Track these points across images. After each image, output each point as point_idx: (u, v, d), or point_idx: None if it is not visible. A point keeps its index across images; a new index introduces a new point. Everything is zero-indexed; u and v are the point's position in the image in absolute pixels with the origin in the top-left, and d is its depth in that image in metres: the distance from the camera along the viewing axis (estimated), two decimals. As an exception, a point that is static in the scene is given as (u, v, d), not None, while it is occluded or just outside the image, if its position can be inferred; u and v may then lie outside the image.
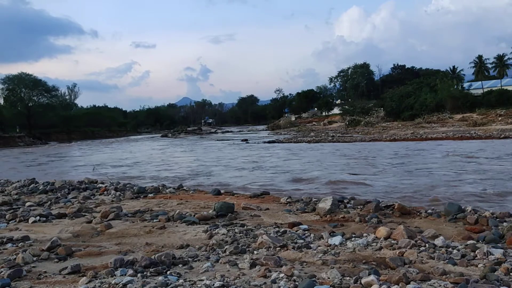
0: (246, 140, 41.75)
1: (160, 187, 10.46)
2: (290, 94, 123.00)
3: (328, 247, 4.67)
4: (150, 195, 9.45)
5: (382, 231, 5.05)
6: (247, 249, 4.68)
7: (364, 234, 5.13)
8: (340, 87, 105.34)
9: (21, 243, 5.24)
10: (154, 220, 6.50)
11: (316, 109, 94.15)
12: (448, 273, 3.69)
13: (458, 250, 4.42)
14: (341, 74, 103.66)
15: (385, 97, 63.47)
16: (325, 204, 6.86)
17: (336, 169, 14.95)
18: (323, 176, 13.10)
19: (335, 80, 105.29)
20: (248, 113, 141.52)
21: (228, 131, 79.04)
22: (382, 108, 64.09)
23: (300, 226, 5.78)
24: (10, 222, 6.72)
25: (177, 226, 6.12)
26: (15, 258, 4.44)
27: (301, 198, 8.43)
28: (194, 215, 6.64)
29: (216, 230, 5.61)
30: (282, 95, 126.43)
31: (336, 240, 4.87)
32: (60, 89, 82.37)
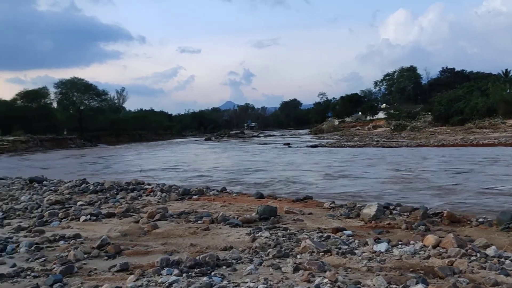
0: (288, 144, 41.63)
1: (204, 189, 10.61)
2: (333, 98, 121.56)
3: (373, 254, 4.58)
4: (194, 196, 9.62)
5: (430, 239, 4.88)
6: (290, 253, 4.67)
7: (411, 242, 4.98)
8: (386, 91, 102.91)
9: (72, 240, 5.46)
10: (199, 222, 6.61)
11: (360, 113, 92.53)
12: (500, 284, 3.52)
13: (511, 260, 4.21)
14: (387, 77, 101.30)
15: (433, 101, 61.44)
16: (370, 210, 6.72)
17: (382, 173, 14.63)
18: (370, 182, 12.85)
19: (380, 84, 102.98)
20: (291, 117, 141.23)
21: (270, 135, 79.16)
22: (429, 113, 62.10)
23: (344, 231, 5.70)
24: (62, 220, 7.03)
25: (220, 228, 6.19)
26: (67, 255, 4.63)
27: (345, 203, 8.31)
28: (237, 218, 6.70)
29: (259, 233, 5.63)
30: (325, 99, 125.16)
31: (382, 247, 4.76)
32: (109, 93, 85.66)
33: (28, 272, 4.08)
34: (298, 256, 4.53)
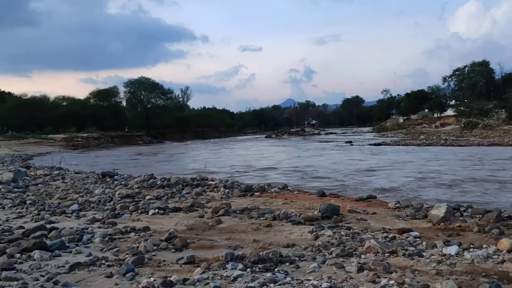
0: (350, 142, 40.86)
1: (266, 186, 10.71)
2: (398, 94, 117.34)
3: (443, 257, 4.39)
4: (256, 193, 9.73)
5: (505, 243, 4.60)
6: (354, 252, 4.60)
7: (484, 246, 4.72)
8: (455, 87, 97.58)
9: (142, 232, 5.73)
10: (261, 218, 6.68)
11: (427, 110, 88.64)
12: None
13: None
14: (456, 73, 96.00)
15: (508, 98, 57.47)
16: (439, 211, 6.45)
17: (454, 173, 13.96)
18: (440, 181, 12.32)
19: (449, 79, 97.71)
20: (353, 114, 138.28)
21: (331, 133, 78.06)
22: (503, 110, 58.19)
23: (411, 232, 5.51)
24: (133, 213, 7.40)
25: (282, 225, 6.22)
26: (138, 246, 4.87)
27: (411, 203, 8.03)
28: (299, 215, 6.70)
29: (322, 231, 5.59)
30: (389, 95, 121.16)
31: (452, 250, 4.56)
32: (174, 92, 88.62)
33: (103, 261, 4.34)
34: (362, 256, 4.46)
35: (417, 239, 5.23)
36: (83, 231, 5.77)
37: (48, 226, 5.94)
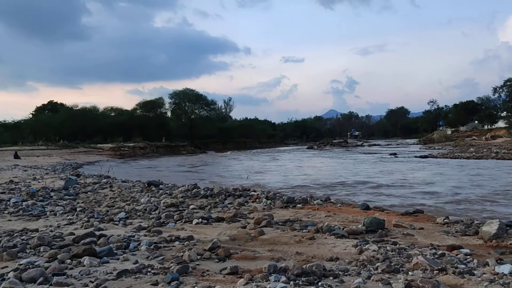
0: (394, 154, 39.89)
1: (308, 198, 10.62)
2: (445, 105, 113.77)
3: (495, 276, 4.18)
4: (298, 205, 9.67)
5: None
6: (400, 268, 4.46)
7: (541, 266, 4.46)
8: (506, 98, 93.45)
9: (186, 242, 5.80)
10: (304, 230, 6.62)
11: (476, 122, 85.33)
12: None
13: None
14: (508, 83, 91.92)
15: None
16: (490, 227, 6.16)
17: (506, 187, 13.32)
18: (491, 196, 11.80)
19: (500, 90, 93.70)
20: (397, 125, 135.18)
21: (375, 144, 76.54)
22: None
23: (461, 249, 5.28)
24: (177, 222, 7.52)
25: (325, 238, 6.14)
26: (182, 255, 4.94)
27: (461, 219, 7.72)
28: (342, 229, 6.59)
29: (366, 245, 5.47)
30: (436, 106, 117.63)
31: (505, 268, 4.33)
32: (217, 103, 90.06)
33: (149, 269, 4.42)
34: (410, 273, 4.31)
35: (468, 256, 5.01)
36: (130, 239, 5.92)
37: (97, 233, 6.15)
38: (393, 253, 5.12)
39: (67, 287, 3.77)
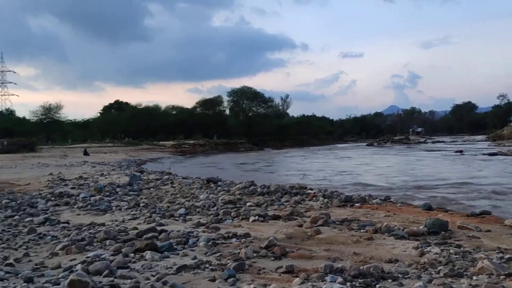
0: (460, 151, 37.96)
1: (367, 197, 10.38)
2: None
3: None
4: (356, 204, 9.48)
5: None
6: (464, 273, 4.26)
7: None
8: None
9: (243, 239, 5.88)
10: (361, 230, 6.49)
11: (552, 116, 79.19)
12: None
13: None
14: None
15: None
16: None
17: None
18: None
19: None
20: (463, 121, 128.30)
21: (439, 141, 73.30)
22: None
23: (532, 255, 4.95)
24: (234, 219, 7.64)
25: (384, 238, 5.98)
26: (239, 252, 5.02)
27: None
28: (402, 229, 6.38)
29: (428, 248, 5.27)
30: (506, 101, 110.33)
31: None
32: (275, 100, 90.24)
33: (207, 265, 4.54)
34: (474, 278, 4.10)
35: (540, 262, 4.68)
36: (189, 235, 6.10)
37: (159, 228, 6.39)
38: (457, 256, 4.89)
39: (130, 280, 3.95)
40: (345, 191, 12.47)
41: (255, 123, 78.31)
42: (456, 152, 37.63)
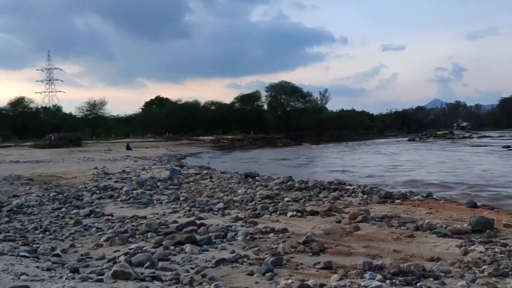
0: (508, 146, 36.34)
1: (408, 194, 10.15)
2: None
3: None
4: (397, 200, 9.28)
5: None
6: (510, 272, 4.10)
7: None
8: None
9: (281, 234, 5.90)
10: (402, 227, 6.35)
11: None
12: None
13: None
14: None
15: None
16: None
17: None
18: None
19: None
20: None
21: (485, 136, 70.41)
22: None
23: None
24: (272, 214, 7.67)
25: (426, 236, 5.84)
26: (276, 247, 5.04)
27: None
28: (445, 227, 6.21)
29: (472, 246, 5.10)
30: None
31: None
32: (313, 95, 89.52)
33: (245, 259, 4.60)
34: (521, 278, 3.95)
35: None
36: (228, 229, 6.18)
37: (198, 222, 6.51)
38: (502, 255, 4.72)
39: (171, 272, 4.05)
40: (385, 187, 12.21)
41: (293, 118, 78.00)
42: (503, 147, 36.08)
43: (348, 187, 11.27)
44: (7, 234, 5.95)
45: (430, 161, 24.87)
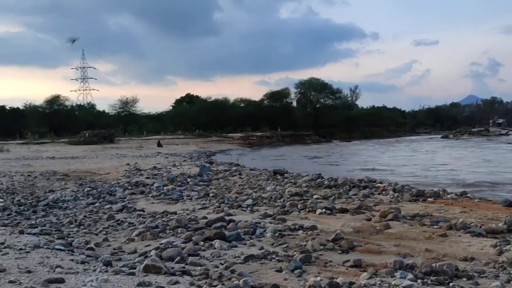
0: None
1: (441, 192, 9.90)
2: None
3: None
4: (429, 199, 9.07)
5: None
6: (547, 274, 3.96)
7: None
8: None
9: (309, 231, 5.88)
10: (434, 226, 6.21)
11: None
12: None
13: None
14: None
15: None
16: None
17: None
18: None
19: None
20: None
21: (523, 133, 67.89)
22: None
23: None
24: (301, 211, 7.65)
25: (459, 236, 5.69)
26: (305, 244, 5.03)
27: None
28: (480, 227, 6.03)
29: (507, 246, 4.95)
30: None
31: None
32: (343, 91, 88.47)
33: (273, 256, 4.61)
34: (560, 281, 3.80)
35: None
36: (256, 225, 6.20)
37: (227, 218, 6.56)
38: (541, 257, 4.55)
39: (200, 267, 4.11)
40: (417, 185, 11.93)
41: (323, 115, 77.36)
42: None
43: (379, 184, 11.11)
44: (43, 227, 6.18)
45: (471, 160, 24.16)
